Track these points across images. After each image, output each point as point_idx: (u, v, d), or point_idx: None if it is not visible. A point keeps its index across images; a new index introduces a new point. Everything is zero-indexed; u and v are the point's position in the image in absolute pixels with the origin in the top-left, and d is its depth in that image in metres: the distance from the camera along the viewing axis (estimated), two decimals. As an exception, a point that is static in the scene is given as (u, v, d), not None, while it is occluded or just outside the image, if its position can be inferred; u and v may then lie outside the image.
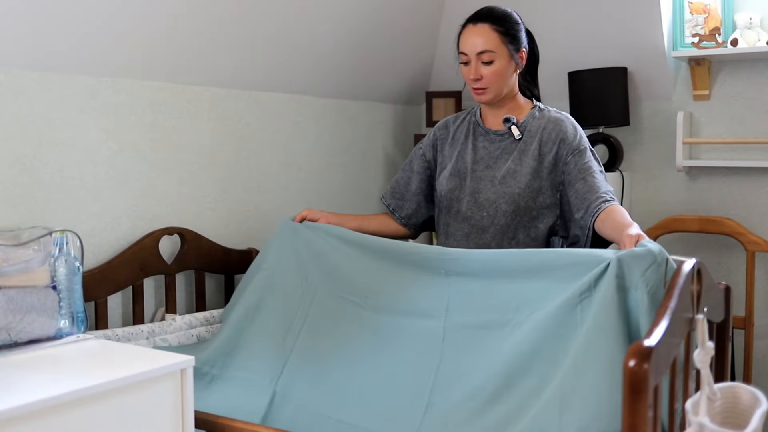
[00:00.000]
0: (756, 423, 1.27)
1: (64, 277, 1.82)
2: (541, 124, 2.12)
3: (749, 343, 2.82)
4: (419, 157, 2.29)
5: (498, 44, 2.07)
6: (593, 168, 2.05)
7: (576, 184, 2.03)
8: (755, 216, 2.95)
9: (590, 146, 2.11)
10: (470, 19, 2.12)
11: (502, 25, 2.08)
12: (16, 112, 1.97)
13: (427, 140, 2.30)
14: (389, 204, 2.33)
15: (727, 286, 1.64)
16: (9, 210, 1.95)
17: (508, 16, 2.12)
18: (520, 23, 2.14)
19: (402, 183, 2.32)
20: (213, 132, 2.51)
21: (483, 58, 2.07)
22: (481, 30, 2.08)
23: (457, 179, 2.17)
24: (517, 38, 2.11)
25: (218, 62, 2.46)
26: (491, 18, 2.09)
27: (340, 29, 2.82)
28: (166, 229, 2.30)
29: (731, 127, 2.99)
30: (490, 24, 2.08)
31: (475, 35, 2.08)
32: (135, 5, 2.11)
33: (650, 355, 1.11)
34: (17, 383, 1.47)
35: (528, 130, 2.12)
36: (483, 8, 2.13)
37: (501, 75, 2.09)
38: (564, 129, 2.10)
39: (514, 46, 2.10)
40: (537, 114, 2.15)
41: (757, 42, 2.82)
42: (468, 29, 2.11)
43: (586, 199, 2.00)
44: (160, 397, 1.60)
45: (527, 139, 2.11)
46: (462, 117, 2.27)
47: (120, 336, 2.00)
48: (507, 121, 2.13)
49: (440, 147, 2.26)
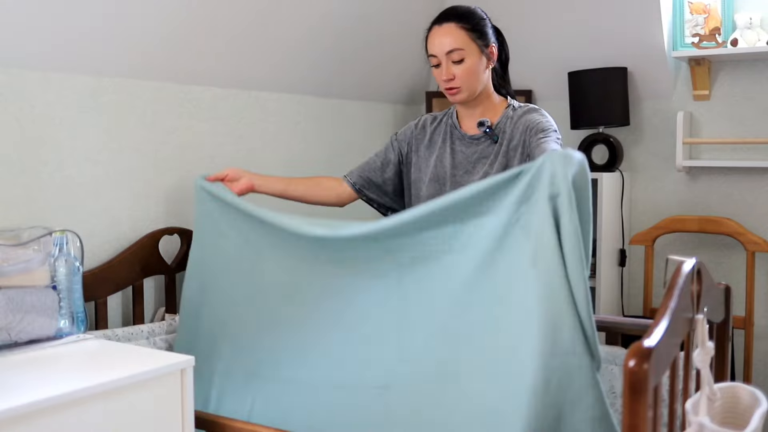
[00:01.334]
0: (756, 423, 1.27)
1: (64, 277, 1.82)
2: (515, 124, 2.07)
3: (749, 343, 2.82)
4: (395, 148, 2.24)
5: (466, 41, 2.03)
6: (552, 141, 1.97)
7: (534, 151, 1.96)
8: (755, 216, 2.95)
9: (557, 133, 2.03)
10: (435, 21, 2.09)
11: (467, 21, 2.05)
12: (16, 112, 1.97)
13: (403, 135, 2.24)
14: (356, 183, 2.24)
15: (727, 286, 1.64)
16: (9, 210, 1.95)
17: (472, 12, 2.08)
18: (486, 18, 2.10)
19: (375, 167, 2.25)
20: (213, 132, 2.51)
21: (453, 57, 2.03)
22: (448, 29, 2.04)
23: (436, 185, 2.13)
24: (485, 33, 2.07)
25: (218, 62, 2.46)
26: (456, 16, 2.05)
27: (340, 29, 2.82)
28: (166, 229, 2.30)
29: (731, 127, 2.99)
30: (456, 22, 2.04)
31: (442, 35, 2.04)
32: (135, 5, 2.11)
33: (650, 355, 1.11)
34: (17, 383, 1.47)
35: (504, 132, 2.08)
36: (447, 8, 2.10)
37: (473, 72, 2.05)
38: (530, 118, 2.06)
39: (483, 41, 2.05)
40: (511, 113, 2.10)
41: (757, 42, 2.82)
42: (434, 31, 2.07)
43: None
44: (160, 397, 1.60)
45: (503, 142, 2.08)
46: (439, 119, 2.22)
47: (120, 336, 2.00)
48: (481, 125, 2.08)
49: (416, 147, 2.21)
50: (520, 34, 3.17)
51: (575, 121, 3.08)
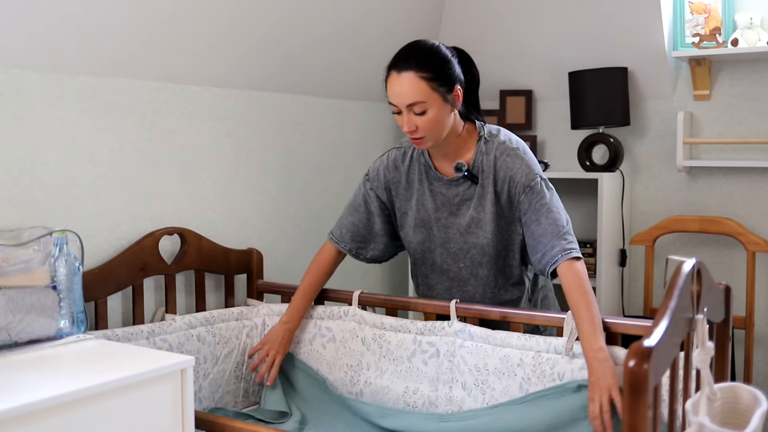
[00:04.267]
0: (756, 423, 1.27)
1: (64, 277, 1.82)
2: (491, 160, 1.98)
3: (749, 343, 2.82)
4: (374, 199, 2.14)
5: (427, 93, 1.87)
6: (546, 205, 1.93)
7: (531, 225, 1.94)
8: (755, 216, 2.95)
9: (540, 174, 1.97)
10: (394, 66, 1.92)
11: (428, 69, 1.87)
12: (16, 112, 1.97)
13: (376, 182, 2.14)
14: (350, 248, 2.20)
15: (728, 286, 1.63)
16: (9, 210, 1.95)
17: (433, 55, 1.91)
18: (449, 58, 1.92)
19: (361, 226, 2.17)
20: (213, 132, 2.51)
21: (414, 110, 1.88)
22: (407, 80, 1.87)
23: (423, 230, 2.09)
24: (448, 78, 1.90)
25: (218, 62, 2.46)
26: (415, 64, 1.87)
27: (340, 29, 2.82)
28: (166, 229, 2.30)
29: (731, 127, 2.99)
30: (415, 72, 1.86)
31: (401, 86, 1.88)
32: (135, 5, 2.11)
33: (650, 355, 1.11)
34: (17, 383, 1.47)
35: (482, 171, 1.99)
36: (406, 49, 1.93)
37: (437, 122, 1.90)
38: (511, 165, 1.96)
39: (446, 88, 1.89)
40: (484, 148, 1.99)
41: (757, 42, 2.82)
42: (393, 78, 1.91)
43: (541, 243, 1.91)
44: (160, 397, 1.60)
45: (484, 181, 1.99)
46: (410, 155, 2.10)
47: (120, 336, 2.00)
48: (459, 170, 1.99)
49: (395, 191, 2.12)
50: (520, 34, 3.18)
51: (575, 121, 3.08)
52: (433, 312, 2.14)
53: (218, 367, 2.27)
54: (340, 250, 2.23)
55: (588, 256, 3.10)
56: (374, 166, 2.17)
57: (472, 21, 3.21)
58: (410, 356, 2.13)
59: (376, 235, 2.19)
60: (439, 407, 2.06)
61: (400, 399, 2.12)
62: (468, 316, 2.08)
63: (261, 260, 2.54)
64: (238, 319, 2.37)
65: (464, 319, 2.09)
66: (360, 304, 2.27)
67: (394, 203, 2.14)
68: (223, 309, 2.36)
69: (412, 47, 1.93)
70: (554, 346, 1.92)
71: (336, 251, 2.24)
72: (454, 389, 2.05)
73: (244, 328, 2.37)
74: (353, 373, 2.21)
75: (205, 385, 2.22)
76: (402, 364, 2.14)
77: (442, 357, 2.08)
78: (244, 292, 2.57)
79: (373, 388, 2.17)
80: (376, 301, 2.27)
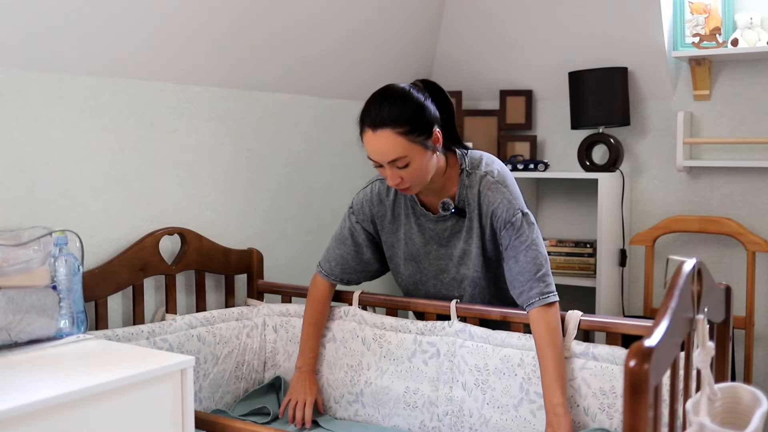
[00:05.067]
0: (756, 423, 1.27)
1: (64, 277, 1.82)
2: (475, 194, 1.95)
3: (750, 343, 2.82)
4: (360, 231, 2.11)
5: (407, 147, 1.83)
6: (525, 242, 1.91)
7: (509, 261, 1.93)
8: (756, 216, 2.95)
9: (522, 208, 1.94)
10: (367, 123, 1.86)
11: (404, 123, 1.82)
12: (16, 112, 1.97)
13: (361, 214, 2.10)
14: (341, 278, 2.19)
15: (728, 287, 1.63)
16: (9, 210, 1.95)
17: (406, 105, 1.84)
18: (422, 102, 1.87)
19: (350, 258, 2.15)
20: (213, 132, 2.51)
21: (397, 164, 1.84)
22: (384, 138, 1.82)
23: (414, 264, 2.09)
24: (425, 125, 1.86)
25: (219, 62, 2.46)
26: (390, 120, 1.82)
27: (340, 29, 2.82)
28: (166, 229, 2.30)
29: (732, 127, 2.99)
30: (391, 128, 1.81)
31: (380, 145, 1.83)
32: (135, 5, 2.10)
33: (650, 355, 1.11)
34: (17, 383, 1.47)
35: (468, 204, 1.97)
36: (377, 102, 1.86)
37: (421, 171, 1.87)
38: (493, 200, 1.93)
39: (425, 135, 1.85)
40: (467, 181, 1.96)
41: (757, 42, 2.82)
42: (369, 136, 1.85)
43: (518, 281, 1.91)
44: (160, 397, 1.60)
45: (470, 215, 1.98)
46: (394, 189, 2.05)
47: (120, 336, 2.00)
48: (445, 209, 1.97)
49: (380, 224, 2.10)
50: (520, 34, 3.18)
51: (575, 121, 3.08)
52: (433, 312, 2.14)
53: (218, 368, 2.27)
54: (330, 282, 2.22)
55: (588, 256, 3.11)
56: (358, 198, 2.12)
57: (472, 21, 3.21)
58: (410, 356, 2.13)
59: (366, 263, 2.18)
60: (439, 407, 2.06)
61: (400, 399, 2.12)
62: (468, 316, 2.08)
63: (261, 260, 2.54)
64: (239, 319, 2.37)
65: (464, 319, 2.09)
66: (360, 304, 2.27)
67: (381, 236, 2.12)
68: (224, 309, 2.36)
69: (383, 100, 1.86)
70: None
71: (328, 284, 2.22)
72: (455, 389, 2.05)
73: (244, 328, 2.37)
74: (353, 373, 2.21)
75: (206, 386, 2.22)
76: (402, 364, 2.14)
77: (442, 357, 2.08)
78: (244, 292, 2.57)
79: (373, 388, 2.17)
80: (377, 301, 2.27)
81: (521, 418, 1.94)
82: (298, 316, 2.37)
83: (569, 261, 3.14)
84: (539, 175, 3.10)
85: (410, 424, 2.11)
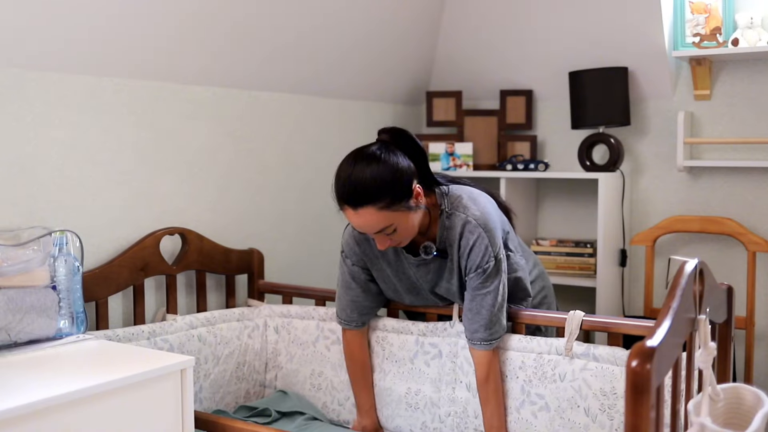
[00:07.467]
0: (758, 423, 1.27)
1: (64, 277, 1.82)
2: (455, 236, 1.93)
3: (750, 343, 2.82)
4: (359, 272, 2.08)
5: (391, 216, 1.82)
6: (487, 288, 1.90)
7: (468, 298, 1.93)
8: (756, 216, 2.95)
9: (498, 253, 1.91)
10: (346, 202, 1.82)
11: (383, 197, 1.79)
12: (16, 112, 1.96)
13: (354, 257, 2.07)
14: (363, 321, 2.15)
15: (730, 287, 1.63)
16: (9, 210, 1.95)
17: (381, 175, 1.79)
18: (396, 167, 1.82)
19: (360, 300, 2.11)
20: (213, 132, 2.50)
21: (385, 232, 1.84)
22: (367, 215, 1.81)
23: (414, 293, 2.09)
24: (404, 190, 1.83)
25: (218, 62, 2.46)
26: (368, 199, 1.79)
27: (340, 29, 2.81)
28: (167, 229, 2.30)
29: (732, 126, 2.99)
30: (371, 205, 1.79)
31: (364, 222, 1.82)
32: (135, 5, 2.10)
33: (652, 355, 1.11)
34: (17, 383, 1.46)
35: (450, 245, 1.95)
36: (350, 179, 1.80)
37: (408, 229, 1.87)
38: (472, 244, 1.90)
39: (406, 197, 1.83)
40: (447, 222, 1.93)
41: (758, 42, 2.82)
42: (350, 214, 1.83)
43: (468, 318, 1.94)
44: (160, 397, 1.60)
45: (451, 255, 1.96)
46: None
47: (120, 336, 2.00)
48: (427, 254, 1.95)
49: (370, 263, 2.07)
50: (520, 34, 3.17)
51: (575, 121, 3.08)
52: (435, 313, 2.14)
53: (219, 368, 2.27)
54: (358, 331, 2.18)
55: (588, 256, 3.10)
56: (345, 240, 2.09)
57: (472, 21, 3.20)
58: (413, 357, 2.13)
59: (378, 295, 2.15)
60: (441, 408, 2.06)
61: (402, 400, 2.12)
62: (469, 317, 2.08)
63: (262, 260, 2.54)
64: (240, 319, 2.36)
65: (465, 319, 2.08)
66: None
67: (373, 273, 2.11)
68: (225, 309, 2.36)
69: (358, 176, 1.80)
70: (555, 347, 1.92)
71: (355, 332, 2.18)
72: (457, 390, 2.04)
73: (245, 328, 2.36)
74: (354, 374, 2.21)
75: (206, 386, 2.22)
76: (404, 365, 2.14)
77: (444, 358, 2.08)
78: (245, 292, 2.57)
79: (376, 389, 2.17)
80: (377, 301, 2.27)
81: (523, 420, 1.94)
82: (300, 317, 2.37)
83: (569, 261, 3.14)
84: (539, 175, 3.09)
85: (412, 425, 2.11)
